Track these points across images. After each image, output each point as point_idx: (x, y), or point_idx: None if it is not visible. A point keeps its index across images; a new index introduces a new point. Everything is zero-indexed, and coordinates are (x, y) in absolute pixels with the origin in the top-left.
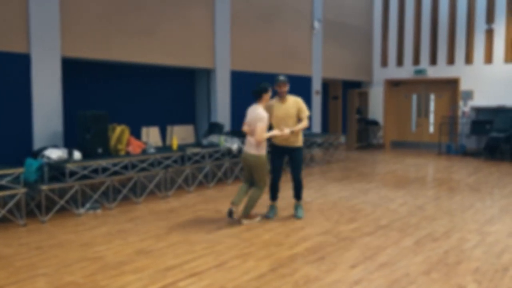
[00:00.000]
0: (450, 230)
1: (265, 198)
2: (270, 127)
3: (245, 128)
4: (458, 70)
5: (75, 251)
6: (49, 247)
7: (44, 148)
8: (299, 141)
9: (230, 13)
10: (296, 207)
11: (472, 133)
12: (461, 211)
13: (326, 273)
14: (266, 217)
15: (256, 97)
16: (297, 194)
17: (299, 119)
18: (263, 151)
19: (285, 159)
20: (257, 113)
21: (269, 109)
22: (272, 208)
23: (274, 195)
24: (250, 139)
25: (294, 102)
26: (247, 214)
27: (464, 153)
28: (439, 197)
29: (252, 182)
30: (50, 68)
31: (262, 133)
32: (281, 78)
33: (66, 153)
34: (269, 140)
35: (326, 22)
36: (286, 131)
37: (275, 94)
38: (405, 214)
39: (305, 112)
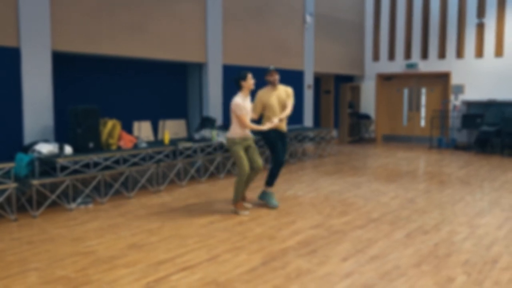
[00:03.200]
0: (440, 223)
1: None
2: (262, 116)
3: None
4: (449, 64)
5: (67, 245)
6: (41, 242)
7: (35, 142)
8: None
9: (222, 7)
10: (271, 194)
11: (463, 127)
12: (452, 204)
13: (318, 266)
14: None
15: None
16: (274, 179)
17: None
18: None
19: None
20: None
21: (261, 97)
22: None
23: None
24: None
25: (285, 89)
26: (234, 201)
27: (455, 146)
28: (430, 190)
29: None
30: (41, 62)
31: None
32: (272, 67)
33: (57, 147)
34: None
35: (318, 16)
36: (275, 120)
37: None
38: (396, 207)
39: (292, 100)
